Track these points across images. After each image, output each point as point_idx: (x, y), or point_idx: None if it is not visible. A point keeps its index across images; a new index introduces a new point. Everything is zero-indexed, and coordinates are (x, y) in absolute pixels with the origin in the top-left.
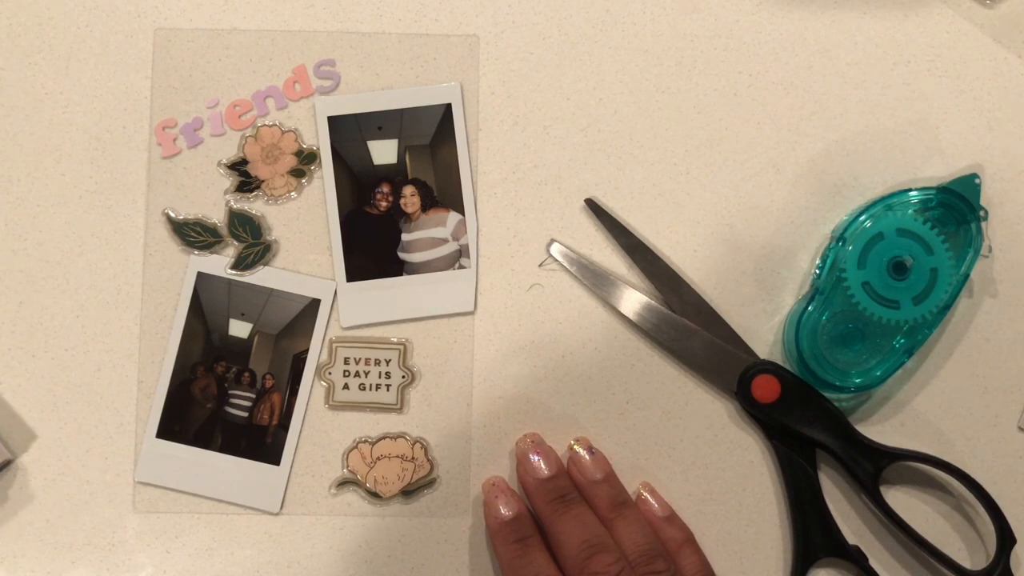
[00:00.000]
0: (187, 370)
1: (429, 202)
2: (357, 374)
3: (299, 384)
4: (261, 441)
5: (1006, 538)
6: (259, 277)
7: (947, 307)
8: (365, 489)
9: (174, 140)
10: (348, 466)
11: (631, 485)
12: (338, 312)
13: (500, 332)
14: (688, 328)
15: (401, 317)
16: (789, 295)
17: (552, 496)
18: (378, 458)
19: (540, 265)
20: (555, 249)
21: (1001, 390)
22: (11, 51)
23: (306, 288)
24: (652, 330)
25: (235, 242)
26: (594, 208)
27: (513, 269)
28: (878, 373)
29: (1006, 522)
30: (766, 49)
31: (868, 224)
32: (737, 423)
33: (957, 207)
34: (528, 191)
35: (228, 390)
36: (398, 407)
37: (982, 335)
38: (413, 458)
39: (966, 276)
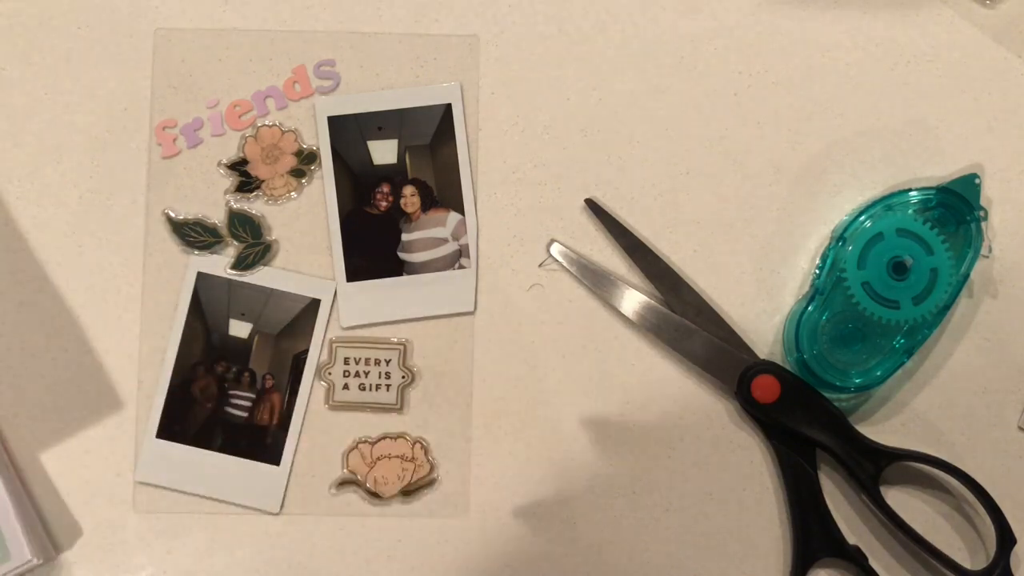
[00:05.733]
0: (187, 370)
1: (429, 202)
2: (357, 374)
3: (299, 384)
4: (261, 441)
5: (1006, 538)
6: (259, 277)
7: (947, 307)
8: (365, 489)
9: (174, 140)
10: (348, 466)
11: (632, 485)
12: (338, 312)
13: (500, 332)
14: (688, 328)
15: (401, 317)
16: (789, 295)
17: None
18: (378, 458)
19: (540, 265)
20: (555, 249)
21: (1001, 390)
22: (11, 51)
23: (306, 288)
24: (652, 330)
25: (235, 242)
26: (594, 208)
27: (513, 269)
28: (878, 373)
29: (1006, 522)
30: (766, 49)
31: (868, 224)
32: (737, 423)
33: (957, 207)
34: (528, 191)
35: (228, 390)
36: (398, 407)
37: (982, 335)
38: (413, 458)
39: (966, 276)
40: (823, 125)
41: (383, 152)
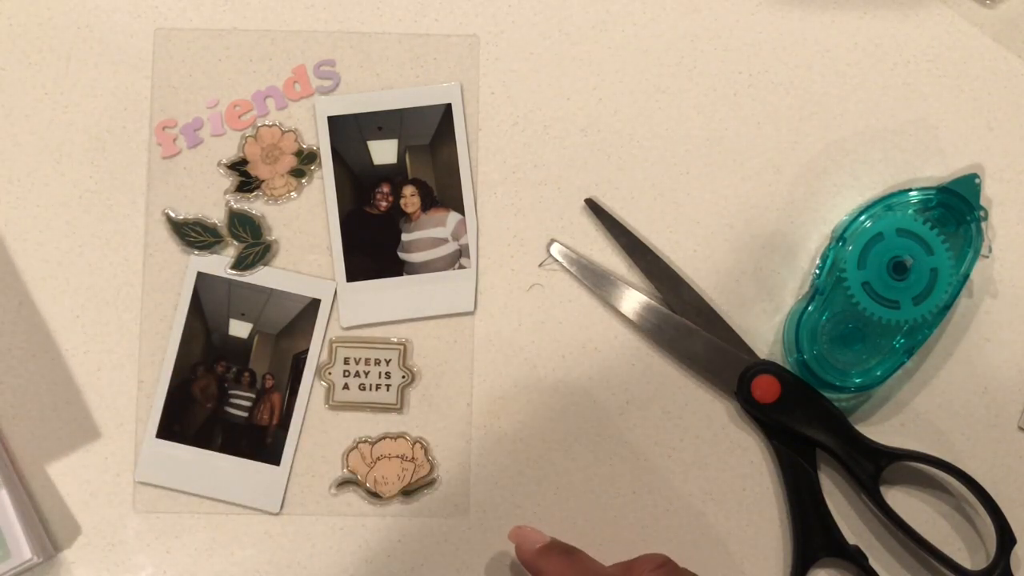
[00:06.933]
0: (187, 370)
1: (429, 202)
2: (357, 374)
3: (299, 384)
4: (261, 441)
5: (1006, 538)
6: (259, 277)
7: (947, 307)
8: (365, 489)
9: (174, 140)
10: (348, 466)
11: (632, 485)
12: (338, 312)
13: (500, 332)
14: (688, 328)
15: (401, 317)
16: (789, 295)
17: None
18: (378, 458)
19: (540, 265)
20: (555, 249)
21: (1001, 390)
22: (11, 51)
23: (306, 288)
24: (652, 330)
25: (235, 242)
26: (594, 208)
27: (513, 269)
28: (878, 373)
29: (1006, 522)
30: (766, 49)
31: (868, 224)
32: (737, 423)
33: (957, 207)
34: (528, 191)
35: (228, 390)
36: (398, 407)
37: (982, 335)
38: (413, 458)
39: (966, 276)
40: (823, 125)
41: (383, 152)
